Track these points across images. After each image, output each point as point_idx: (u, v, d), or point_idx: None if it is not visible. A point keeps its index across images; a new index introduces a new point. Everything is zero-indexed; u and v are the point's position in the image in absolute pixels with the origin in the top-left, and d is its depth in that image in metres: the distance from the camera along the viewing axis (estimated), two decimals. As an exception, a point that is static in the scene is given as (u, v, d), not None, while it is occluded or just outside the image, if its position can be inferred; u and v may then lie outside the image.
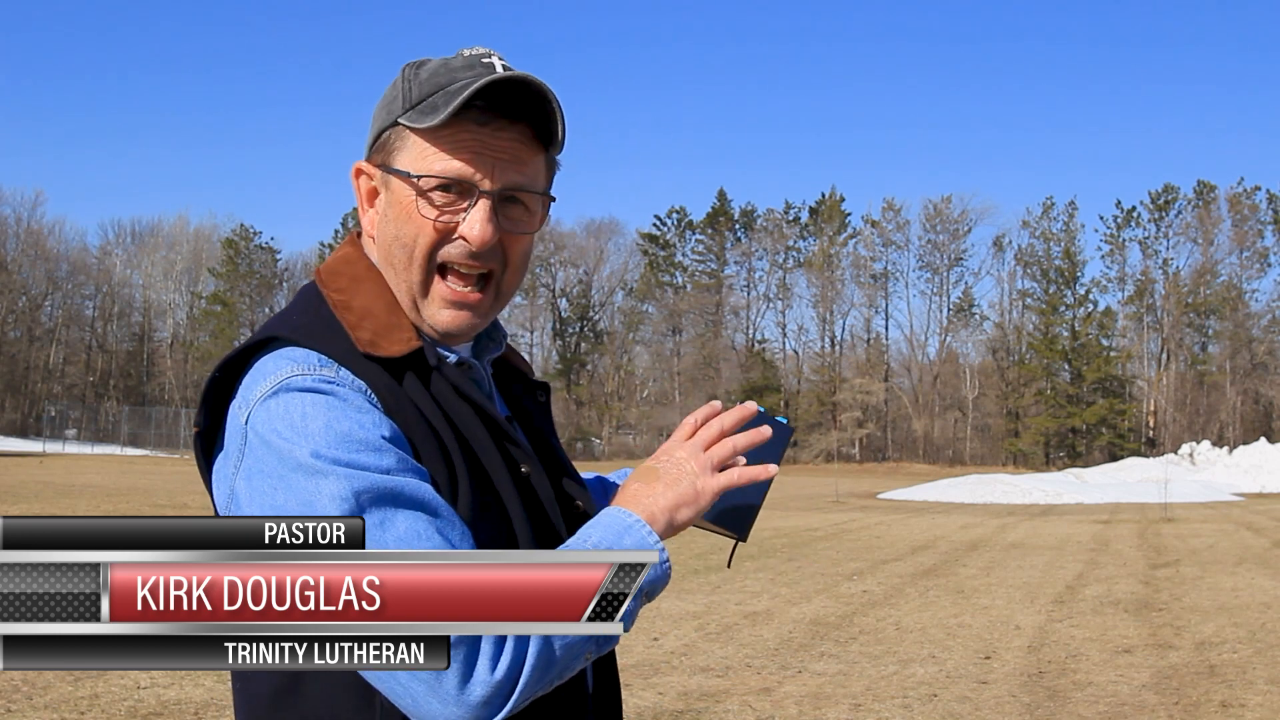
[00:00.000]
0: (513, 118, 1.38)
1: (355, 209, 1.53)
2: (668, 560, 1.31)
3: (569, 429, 76.42)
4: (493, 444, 1.40)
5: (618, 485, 1.71)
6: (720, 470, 1.41)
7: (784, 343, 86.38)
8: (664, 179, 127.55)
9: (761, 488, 1.53)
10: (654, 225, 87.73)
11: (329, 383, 1.31)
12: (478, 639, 1.19)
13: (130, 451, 61.21)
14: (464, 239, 1.38)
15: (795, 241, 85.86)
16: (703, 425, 1.45)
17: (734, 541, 1.55)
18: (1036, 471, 60.93)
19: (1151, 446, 73.76)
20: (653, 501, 1.36)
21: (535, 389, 1.62)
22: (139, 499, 22.87)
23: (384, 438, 1.28)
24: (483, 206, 1.38)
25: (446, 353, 1.44)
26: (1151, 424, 79.42)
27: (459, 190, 1.38)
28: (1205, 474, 45.52)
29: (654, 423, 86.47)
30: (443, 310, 1.41)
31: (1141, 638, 9.38)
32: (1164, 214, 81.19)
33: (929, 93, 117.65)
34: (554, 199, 1.48)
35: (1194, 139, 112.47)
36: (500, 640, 1.19)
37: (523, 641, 1.20)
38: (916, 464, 74.85)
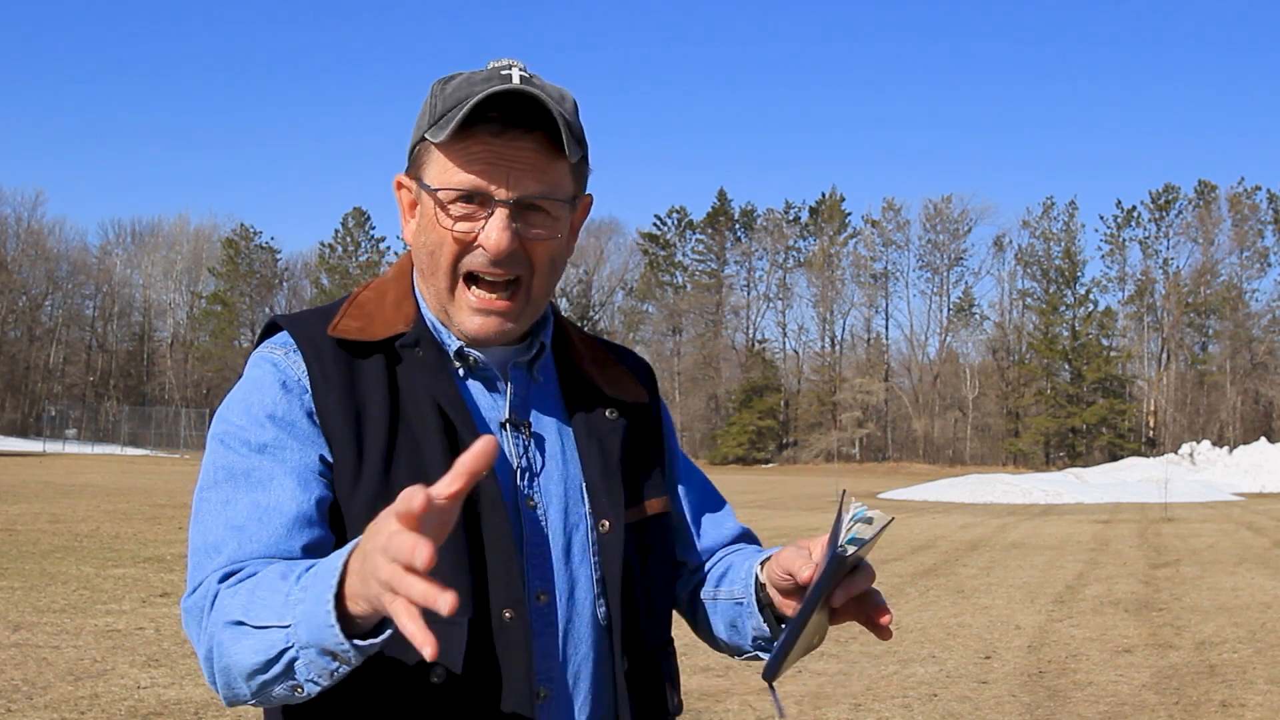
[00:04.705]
0: (528, 127, 1.40)
1: (353, 211, 1.55)
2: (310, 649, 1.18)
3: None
4: (438, 437, 1.41)
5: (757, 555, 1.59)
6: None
7: (784, 343, 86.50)
8: (664, 179, 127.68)
9: (796, 624, 1.35)
10: (654, 225, 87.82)
11: (268, 360, 1.45)
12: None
13: (130, 451, 61.17)
14: (483, 248, 1.42)
15: (795, 241, 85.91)
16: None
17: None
18: (1036, 471, 60.94)
19: (1151, 446, 73.76)
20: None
21: (606, 405, 1.56)
22: (139, 499, 22.86)
23: (270, 415, 1.40)
24: (499, 216, 1.40)
25: (453, 343, 1.48)
26: (1151, 424, 79.41)
27: (478, 201, 1.41)
28: (1205, 474, 45.51)
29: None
30: (471, 317, 1.45)
31: (1141, 638, 9.38)
32: (1164, 214, 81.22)
33: (929, 93, 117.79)
34: (587, 197, 1.53)
35: (1194, 139, 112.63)
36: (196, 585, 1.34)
37: (224, 605, 1.28)
38: (916, 464, 74.85)
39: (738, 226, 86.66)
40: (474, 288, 1.44)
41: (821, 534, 1.38)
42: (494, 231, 1.40)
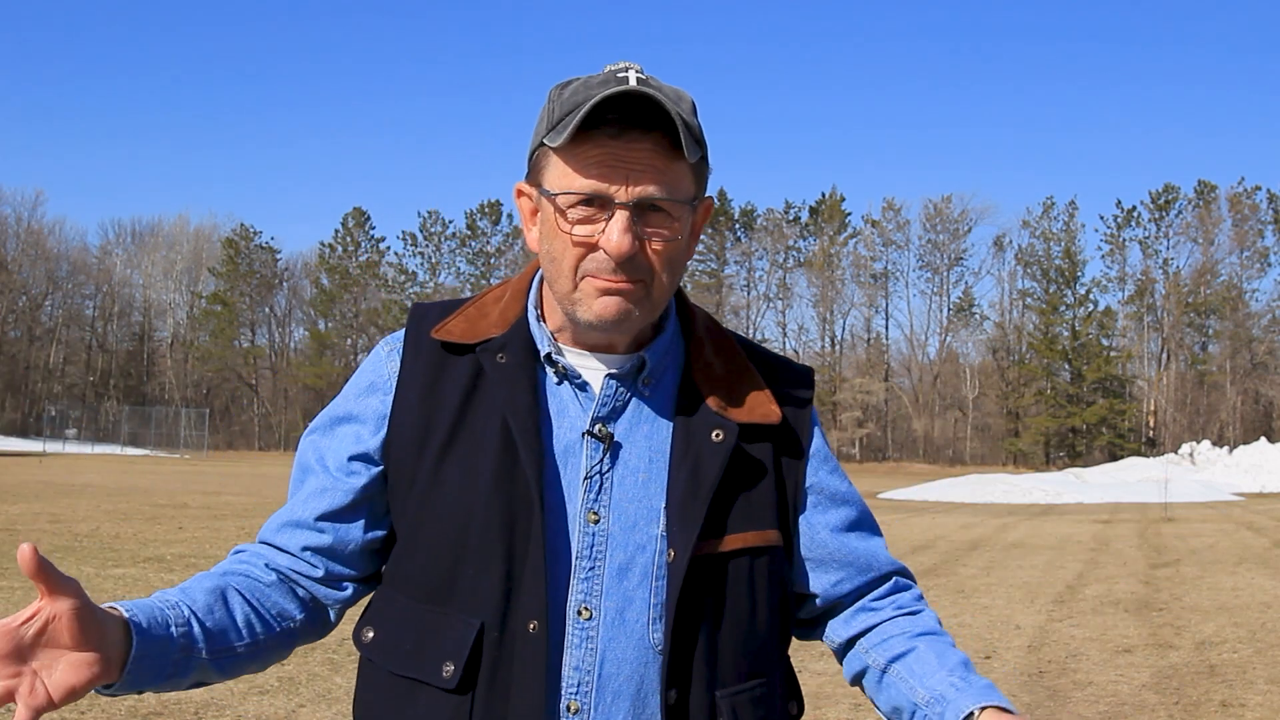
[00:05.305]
0: (646, 128, 1.38)
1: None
2: None
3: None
4: (496, 443, 1.45)
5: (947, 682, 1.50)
6: None
7: (784, 342, 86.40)
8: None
9: None
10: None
11: (376, 355, 1.57)
12: None
13: (130, 451, 61.18)
14: (604, 250, 1.40)
15: (795, 241, 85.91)
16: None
17: None
18: (1036, 471, 60.93)
19: (1151, 446, 73.75)
20: None
21: (715, 425, 1.49)
22: (139, 499, 22.86)
23: (345, 416, 1.55)
24: (620, 218, 1.39)
25: (546, 348, 1.50)
26: (1151, 424, 79.41)
27: (598, 204, 1.40)
28: (1205, 474, 45.48)
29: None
30: (597, 300, 1.42)
31: (1141, 637, 9.38)
32: (1164, 214, 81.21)
33: (929, 93, 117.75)
34: (708, 200, 1.50)
35: (1194, 139, 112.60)
36: None
37: None
38: (916, 464, 74.85)
39: (738, 226, 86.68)
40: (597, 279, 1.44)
41: None
42: (615, 233, 1.38)
